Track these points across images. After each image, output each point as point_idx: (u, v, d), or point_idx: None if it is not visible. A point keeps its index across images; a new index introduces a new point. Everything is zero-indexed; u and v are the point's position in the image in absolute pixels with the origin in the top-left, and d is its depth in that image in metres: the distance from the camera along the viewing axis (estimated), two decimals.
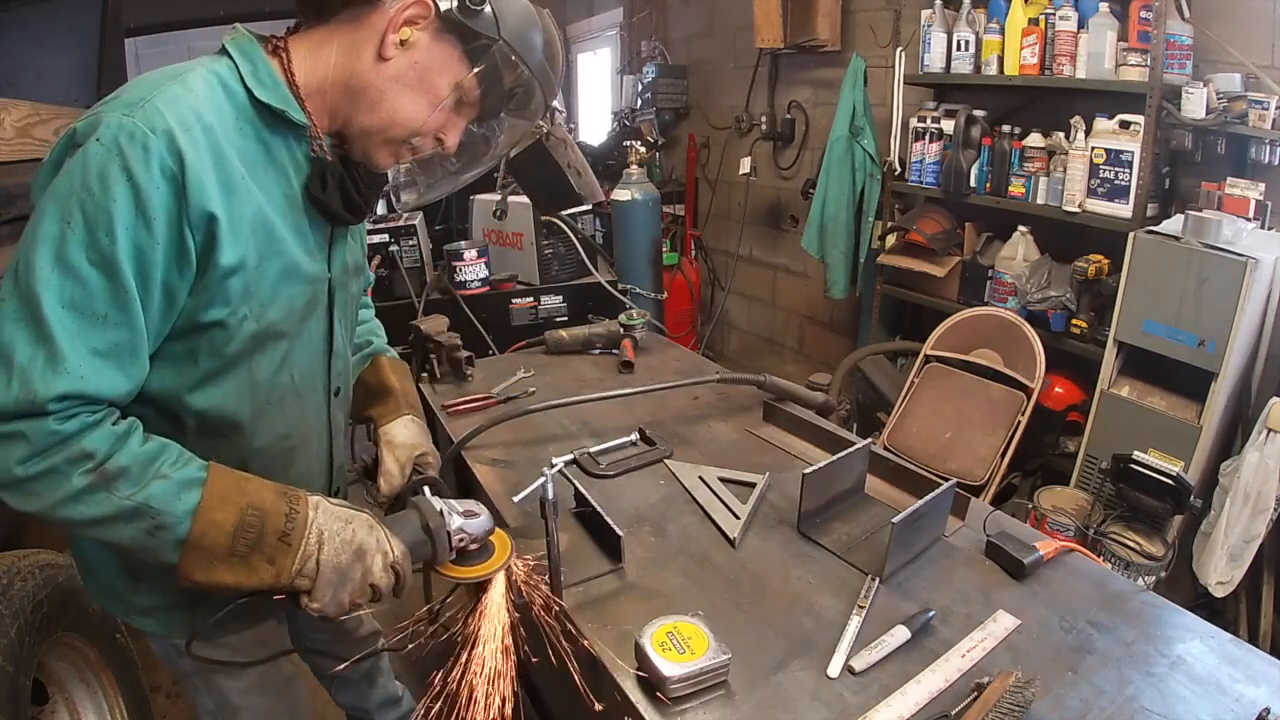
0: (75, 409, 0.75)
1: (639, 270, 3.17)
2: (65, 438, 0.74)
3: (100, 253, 0.74)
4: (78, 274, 0.74)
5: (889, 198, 3.08)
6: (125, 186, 0.74)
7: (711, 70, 4.36)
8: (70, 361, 0.74)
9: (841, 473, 1.27)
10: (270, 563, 0.83)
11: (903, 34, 3.08)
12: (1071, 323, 2.40)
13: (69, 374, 0.74)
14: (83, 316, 0.74)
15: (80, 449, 0.75)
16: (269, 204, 0.88)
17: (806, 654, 0.96)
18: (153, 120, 0.76)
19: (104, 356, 0.76)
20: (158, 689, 2.09)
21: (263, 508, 0.83)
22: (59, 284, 0.73)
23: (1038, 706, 0.85)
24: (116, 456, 0.77)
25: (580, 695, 0.95)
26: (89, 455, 0.75)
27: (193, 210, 0.78)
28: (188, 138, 0.78)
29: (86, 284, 0.74)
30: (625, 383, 1.77)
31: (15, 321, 0.73)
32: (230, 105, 0.85)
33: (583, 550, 1.16)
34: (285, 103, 0.88)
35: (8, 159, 1.82)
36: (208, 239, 0.81)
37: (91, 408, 0.77)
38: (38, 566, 1.31)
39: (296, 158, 0.92)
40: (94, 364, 0.75)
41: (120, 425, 0.79)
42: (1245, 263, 1.84)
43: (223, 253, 0.82)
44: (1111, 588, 1.09)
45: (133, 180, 0.74)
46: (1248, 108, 1.96)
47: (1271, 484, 1.78)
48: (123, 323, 0.77)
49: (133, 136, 0.75)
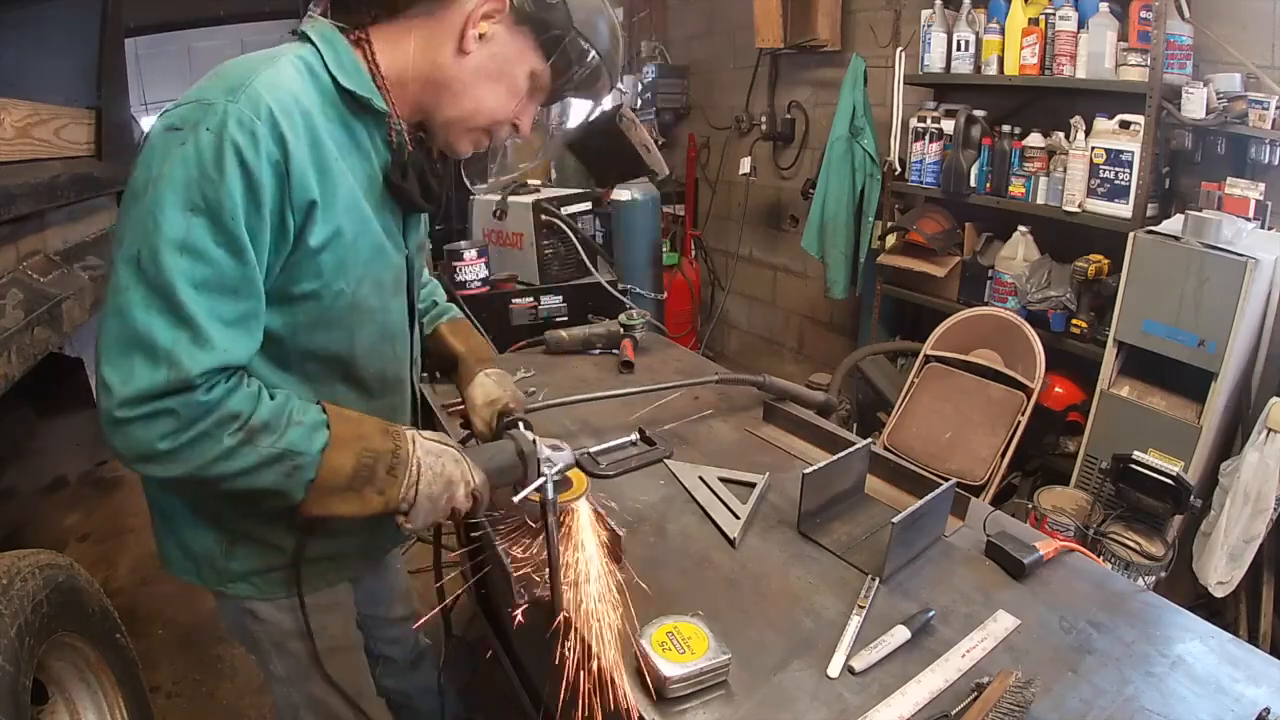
0: (213, 377, 0.81)
1: (639, 270, 3.17)
2: (213, 406, 0.81)
3: (226, 234, 0.79)
4: (206, 256, 0.79)
5: (889, 198, 3.08)
6: (239, 172, 0.79)
7: (711, 70, 4.36)
8: (214, 338, 0.80)
9: (841, 473, 1.27)
10: (380, 493, 0.92)
11: (903, 34, 3.09)
12: (1071, 323, 2.40)
13: (215, 349, 0.80)
14: (215, 294, 0.80)
15: (228, 412, 0.82)
16: (357, 186, 0.93)
17: (806, 654, 0.96)
18: (257, 106, 0.80)
19: (236, 326, 0.83)
20: (158, 689, 2.10)
21: (374, 448, 0.91)
22: (189, 268, 0.78)
23: (1038, 706, 0.85)
24: (258, 413, 0.84)
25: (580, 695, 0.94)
26: (236, 416, 0.82)
27: (295, 196, 0.84)
28: (289, 124, 0.82)
29: (216, 264, 0.79)
30: (625, 383, 1.77)
31: (148, 308, 0.78)
32: (317, 91, 0.89)
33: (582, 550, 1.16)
34: (369, 90, 0.92)
35: (8, 159, 1.82)
36: (305, 220, 0.86)
37: (227, 373, 0.84)
38: (38, 566, 1.31)
39: (376, 144, 0.96)
40: (231, 334, 0.82)
41: (252, 385, 0.87)
42: (1245, 263, 1.84)
43: (314, 233, 0.87)
44: (1111, 588, 1.09)
45: (245, 166, 0.79)
46: (1248, 108, 1.96)
47: (1271, 484, 1.78)
48: (249, 293, 0.84)
49: (241, 124, 0.79)
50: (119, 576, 2.68)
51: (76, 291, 2.00)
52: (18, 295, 1.72)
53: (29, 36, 2.26)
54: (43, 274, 1.91)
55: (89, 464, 3.46)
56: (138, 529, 2.98)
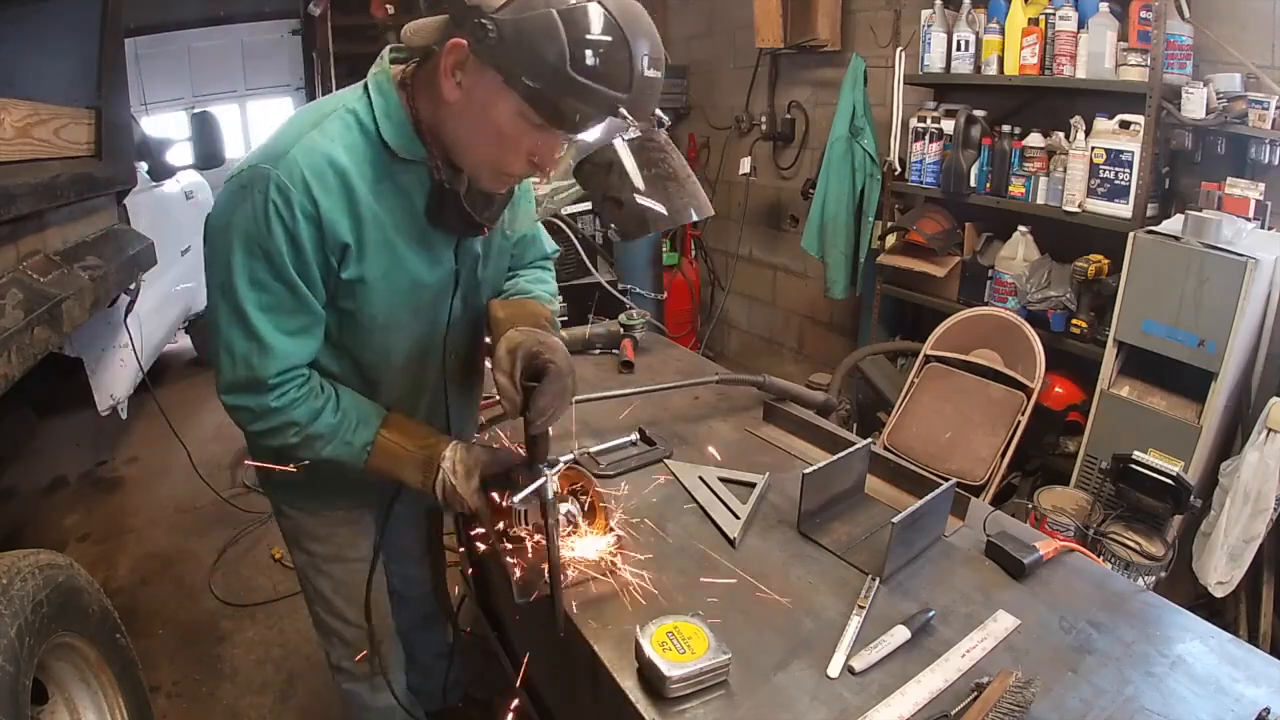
0: (285, 384, 1.04)
1: (639, 270, 3.17)
2: (278, 410, 1.05)
3: (277, 271, 0.99)
4: (266, 287, 1.00)
5: (889, 198, 3.08)
6: (281, 228, 0.97)
7: (711, 70, 4.36)
8: (276, 348, 1.02)
9: (841, 473, 1.27)
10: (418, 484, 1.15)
11: (903, 34, 3.08)
12: (1071, 323, 2.40)
13: (277, 356, 1.02)
14: (276, 314, 1.02)
15: (289, 419, 1.06)
16: (393, 226, 1.05)
17: (806, 654, 0.96)
18: (293, 173, 0.96)
19: (295, 335, 1.04)
20: (158, 689, 2.10)
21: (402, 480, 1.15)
22: (256, 297, 1.00)
23: (1038, 706, 0.85)
24: (315, 425, 1.08)
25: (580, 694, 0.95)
26: (295, 424, 1.07)
27: (329, 240, 1.01)
28: (320, 185, 0.98)
29: (275, 294, 1.01)
30: (625, 383, 1.77)
31: (230, 324, 1.02)
32: (364, 142, 1.01)
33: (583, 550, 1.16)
34: (406, 141, 1.02)
35: (8, 159, 1.81)
36: (341, 258, 1.03)
37: (296, 380, 1.06)
38: (38, 566, 1.30)
39: (421, 180, 1.05)
40: (291, 342, 1.04)
41: (318, 400, 1.08)
42: (1245, 263, 1.84)
43: (348, 269, 1.04)
44: (1111, 588, 1.09)
45: (284, 224, 0.97)
46: (1248, 108, 1.96)
47: (1271, 484, 1.78)
48: (302, 310, 1.04)
49: (279, 189, 0.96)
50: (119, 576, 2.68)
51: (76, 291, 1.99)
52: (18, 295, 1.72)
53: (29, 36, 2.26)
54: (43, 274, 1.91)
55: (89, 464, 3.46)
56: (138, 529, 2.98)
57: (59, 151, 2.12)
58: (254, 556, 2.75)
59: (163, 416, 2.88)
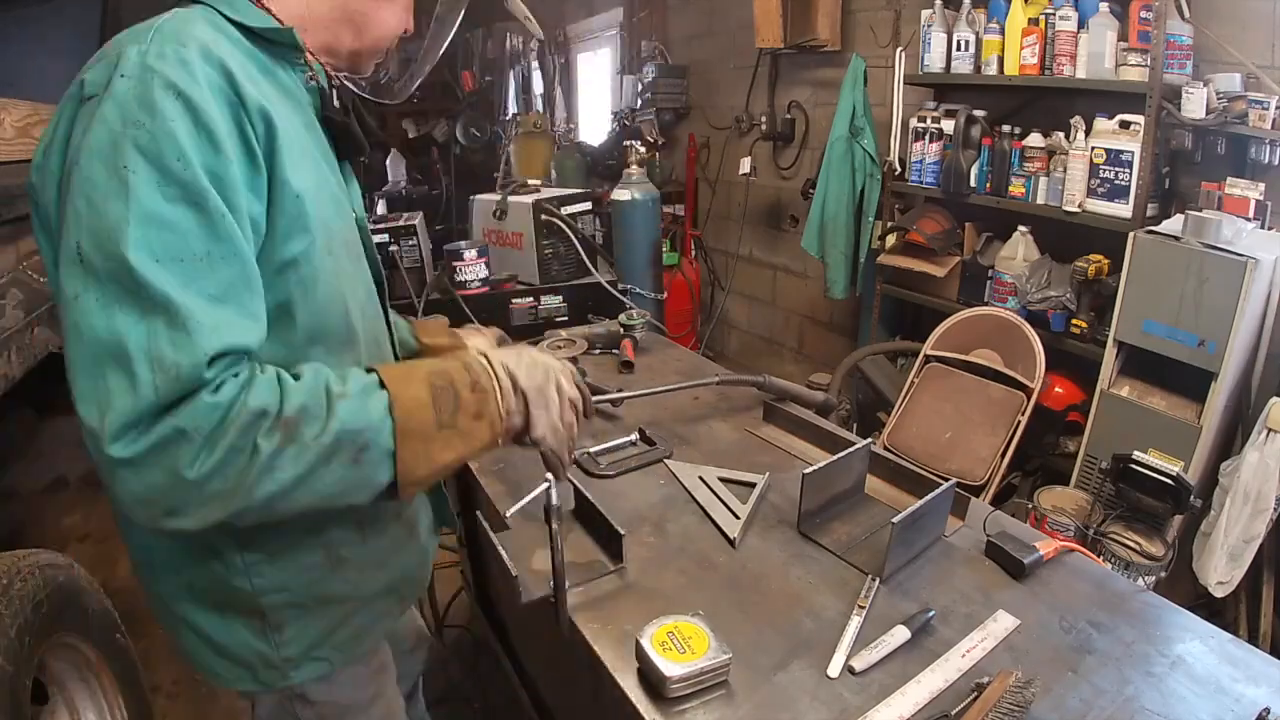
0: (221, 376, 0.65)
1: (639, 270, 3.17)
2: (228, 406, 0.64)
3: (177, 182, 0.63)
4: (160, 219, 0.62)
5: (889, 198, 3.08)
6: (175, 102, 0.64)
7: (711, 70, 4.36)
8: (198, 316, 0.63)
9: (841, 473, 1.27)
10: (479, 417, 0.79)
11: (903, 34, 3.09)
12: (1071, 323, 2.40)
13: (204, 329, 0.63)
14: (184, 264, 0.63)
15: (250, 410, 0.65)
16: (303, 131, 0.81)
17: (806, 654, 0.96)
18: (179, 36, 0.67)
19: (222, 301, 0.66)
20: (158, 689, 2.10)
21: (440, 370, 0.79)
22: (143, 238, 0.61)
23: (1038, 706, 0.85)
24: (288, 400, 0.68)
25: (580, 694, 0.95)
26: (263, 413, 0.65)
27: (251, 113, 0.69)
28: (219, 48, 0.69)
29: (174, 226, 0.63)
30: (625, 383, 1.77)
31: (105, 307, 0.61)
32: (228, 41, 0.74)
33: (583, 550, 1.16)
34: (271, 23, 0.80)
35: (8, 159, 1.82)
36: (269, 148, 0.71)
37: (235, 367, 0.66)
38: (38, 566, 1.31)
39: (301, 87, 0.85)
40: (220, 312, 0.65)
41: (269, 371, 0.69)
42: (1245, 263, 1.83)
43: (286, 167, 0.72)
44: (1111, 588, 1.09)
45: (181, 94, 0.64)
46: (1248, 108, 1.96)
47: (1271, 484, 1.78)
48: (228, 254, 0.66)
49: (162, 56, 0.65)
50: (119, 576, 2.68)
51: None
52: (18, 295, 1.72)
53: (29, 36, 2.26)
54: (43, 274, 1.91)
55: (89, 464, 3.46)
56: None
57: None
58: None
59: None
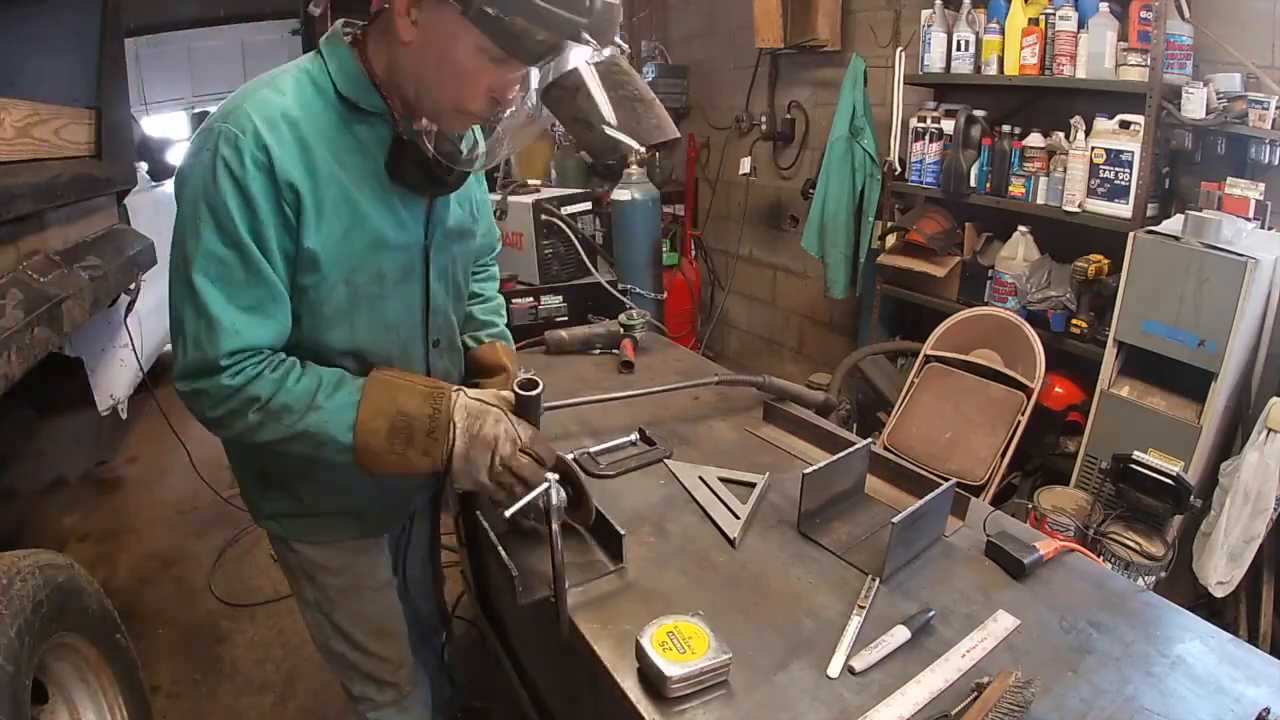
0: (241, 363, 0.95)
1: (639, 270, 3.17)
2: (236, 389, 0.95)
3: (227, 234, 0.93)
4: (215, 255, 0.93)
5: (889, 198, 3.08)
6: (230, 182, 0.92)
7: (711, 70, 4.36)
8: (225, 325, 0.93)
9: (841, 473, 1.27)
10: (426, 454, 1.02)
11: (903, 34, 3.08)
12: (1071, 323, 2.40)
13: (228, 333, 0.94)
14: (226, 286, 0.94)
15: (249, 395, 0.96)
16: (353, 184, 1.00)
17: (806, 654, 0.96)
18: (242, 124, 0.92)
19: (250, 311, 0.95)
20: (158, 689, 2.10)
21: (409, 412, 1.01)
22: (204, 266, 0.93)
23: (1038, 706, 0.85)
24: (278, 396, 0.97)
25: (580, 694, 0.95)
26: (256, 399, 0.96)
27: (283, 191, 0.94)
28: (273, 134, 0.93)
29: (224, 261, 0.93)
30: (625, 383, 1.77)
31: (181, 302, 0.95)
32: (319, 99, 0.98)
33: (583, 550, 1.16)
34: (362, 92, 0.99)
35: (8, 159, 1.82)
36: (296, 210, 0.96)
37: (255, 358, 0.96)
38: (38, 566, 1.31)
39: (382, 138, 1.02)
40: (243, 320, 0.95)
41: (279, 370, 0.98)
42: (1245, 263, 1.83)
43: (307, 229, 0.97)
44: (1111, 588, 1.09)
45: (233, 175, 0.92)
46: (1248, 108, 1.96)
47: (1271, 484, 1.78)
48: (256, 282, 0.95)
49: (227, 141, 0.92)
50: (119, 576, 2.68)
51: (76, 291, 2.00)
52: (18, 295, 1.72)
53: (29, 36, 2.26)
54: (43, 274, 1.91)
55: (89, 464, 3.46)
56: (138, 529, 2.98)
57: (59, 151, 2.12)
58: (254, 556, 2.75)
59: (163, 416, 2.87)
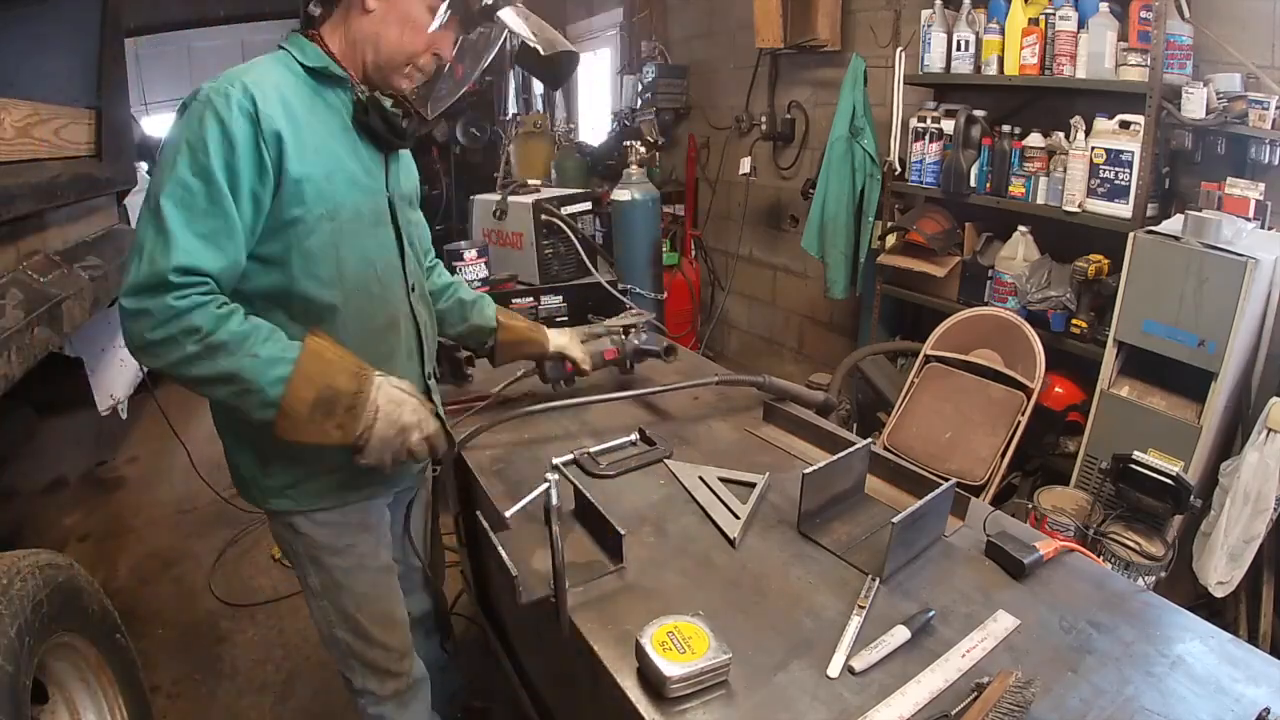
0: (188, 289, 1.01)
1: (639, 270, 3.17)
2: (180, 313, 1.00)
3: (199, 165, 1.03)
4: (184, 183, 1.03)
5: (889, 198, 3.08)
6: (214, 121, 1.04)
7: (711, 70, 4.36)
8: (180, 242, 1.01)
9: (841, 473, 1.27)
10: (339, 428, 1.09)
11: (903, 34, 3.08)
12: (1071, 323, 2.40)
13: (180, 250, 1.00)
14: (188, 210, 1.02)
15: (190, 323, 1.01)
16: (329, 135, 1.16)
17: (806, 654, 0.96)
18: (233, 81, 1.07)
19: (204, 239, 1.03)
20: (158, 689, 2.10)
21: (336, 386, 1.09)
22: (172, 191, 1.02)
23: (1038, 706, 0.85)
24: (218, 333, 1.02)
25: (580, 694, 0.95)
26: (197, 329, 1.01)
27: (266, 132, 1.06)
28: (259, 91, 1.07)
29: (190, 188, 1.03)
30: (625, 383, 1.77)
31: (146, 223, 1.03)
32: (291, 75, 1.16)
33: (583, 550, 1.16)
34: (326, 63, 1.18)
35: (8, 159, 1.82)
36: (278, 154, 1.08)
37: (201, 287, 1.02)
38: (38, 566, 1.31)
39: (345, 102, 1.21)
40: (197, 244, 1.02)
41: (224, 308, 1.04)
42: (1245, 263, 1.83)
43: (291, 165, 1.09)
44: (1111, 588, 1.09)
45: (219, 117, 1.04)
46: (1248, 108, 1.96)
47: (1271, 484, 1.78)
48: (217, 214, 1.04)
49: (218, 92, 1.06)
50: (119, 576, 2.68)
51: (76, 291, 2.00)
52: (18, 295, 1.72)
53: (29, 36, 2.26)
54: (43, 274, 1.91)
55: (89, 464, 3.47)
56: (138, 529, 2.98)
57: (59, 151, 2.13)
58: (254, 556, 2.75)
59: (163, 416, 2.87)
